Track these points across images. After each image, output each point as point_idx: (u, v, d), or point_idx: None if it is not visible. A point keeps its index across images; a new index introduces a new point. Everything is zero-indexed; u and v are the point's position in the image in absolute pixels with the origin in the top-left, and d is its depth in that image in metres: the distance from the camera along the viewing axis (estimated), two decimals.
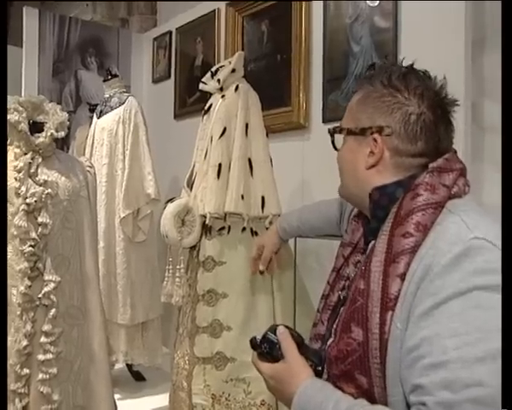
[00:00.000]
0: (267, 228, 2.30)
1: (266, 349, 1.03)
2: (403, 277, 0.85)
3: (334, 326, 0.98)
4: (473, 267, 0.81)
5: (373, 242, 0.98)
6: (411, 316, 0.83)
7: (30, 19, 3.77)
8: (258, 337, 1.05)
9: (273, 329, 1.04)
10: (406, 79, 0.97)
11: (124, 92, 3.18)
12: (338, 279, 1.10)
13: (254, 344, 1.06)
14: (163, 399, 2.86)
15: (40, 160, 1.79)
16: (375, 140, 0.98)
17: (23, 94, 3.49)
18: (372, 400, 0.88)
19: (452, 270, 0.81)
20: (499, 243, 0.82)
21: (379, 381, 0.86)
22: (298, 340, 1.02)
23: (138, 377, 3.31)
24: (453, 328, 0.79)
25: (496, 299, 0.79)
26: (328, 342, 0.98)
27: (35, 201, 1.73)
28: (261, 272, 1.80)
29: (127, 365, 3.26)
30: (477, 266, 0.81)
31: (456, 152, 1.01)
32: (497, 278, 0.79)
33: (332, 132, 1.07)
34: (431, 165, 0.94)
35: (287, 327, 1.03)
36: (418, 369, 0.81)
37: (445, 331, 0.79)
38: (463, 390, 0.75)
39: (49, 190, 1.76)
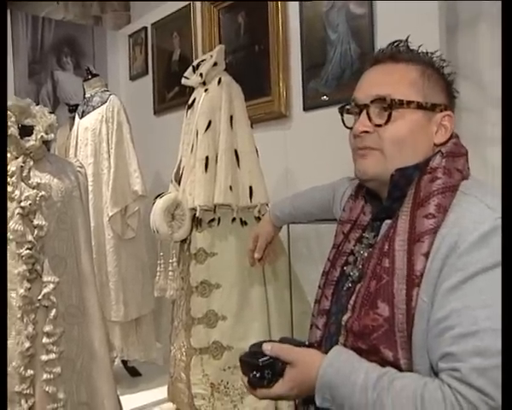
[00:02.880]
0: (256, 217, 2.36)
1: (269, 375, 0.97)
2: (427, 255, 0.91)
3: (351, 302, 1.00)
4: (500, 244, 0.86)
5: (387, 221, 1.03)
6: (438, 290, 0.89)
7: None
8: (255, 373, 0.97)
9: (256, 356, 0.98)
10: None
11: (105, 91, 3.18)
12: (339, 255, 1.13)
13: (256, 380, 0.98)
14: (160, 392, 2.91)
15: (32, 163, 1.81)
16: (445, 117, 1.03)
17: None
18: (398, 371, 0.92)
19: (481, 246, 0.87)
20: None
21: (405, 353, 0.91)
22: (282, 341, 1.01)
23: (134, 372, 3.33)
24: (482, 300, 0.85)
25: None
26: (345, 317, 1.00)
27: (29, 204, 1.74)
28: (258, 261, 1.82)
29: (122, 361, 3.29)
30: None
31: (458, 136, 1.06)
32: None
33: (389, 105, 1.00)
34: (444, 149, 1.01)
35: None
36: (448, 338, 0.86)
37: (474, 303, 0.85)
38: (495, 357, 0.81)
39: (43, 193, 1.78)
